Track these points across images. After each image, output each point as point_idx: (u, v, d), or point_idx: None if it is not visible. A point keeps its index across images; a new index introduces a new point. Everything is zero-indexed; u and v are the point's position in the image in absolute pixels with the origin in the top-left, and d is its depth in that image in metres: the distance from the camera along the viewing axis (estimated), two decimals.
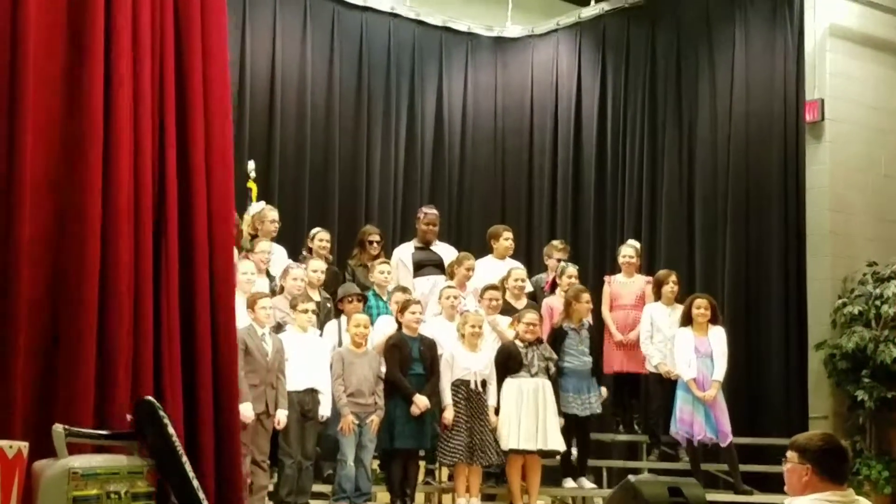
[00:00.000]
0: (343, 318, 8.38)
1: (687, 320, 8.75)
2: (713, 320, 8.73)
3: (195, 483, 4.32)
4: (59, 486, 3.96)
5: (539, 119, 12.05)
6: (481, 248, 9.78)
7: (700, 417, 8.53)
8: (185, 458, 4.33)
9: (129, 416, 4.29)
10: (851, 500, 3.84)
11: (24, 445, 3.93)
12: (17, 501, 3.85)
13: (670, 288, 9.11)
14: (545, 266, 9.87)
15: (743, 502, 8.64)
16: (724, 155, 10.64)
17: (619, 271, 9.59)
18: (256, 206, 9.16)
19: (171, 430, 4.31)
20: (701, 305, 8.70)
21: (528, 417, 8.22)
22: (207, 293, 5.04)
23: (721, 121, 10.69)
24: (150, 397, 4.48)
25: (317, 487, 8.14)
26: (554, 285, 9.28)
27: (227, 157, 5.28)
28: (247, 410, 7.43)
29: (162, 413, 4.29)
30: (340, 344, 8.25)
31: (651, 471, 8.62)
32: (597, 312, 9.39)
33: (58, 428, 4.10)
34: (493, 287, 8.82)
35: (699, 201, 10.79)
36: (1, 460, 3.79)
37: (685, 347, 8.63)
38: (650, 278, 9.45)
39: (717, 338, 8.70)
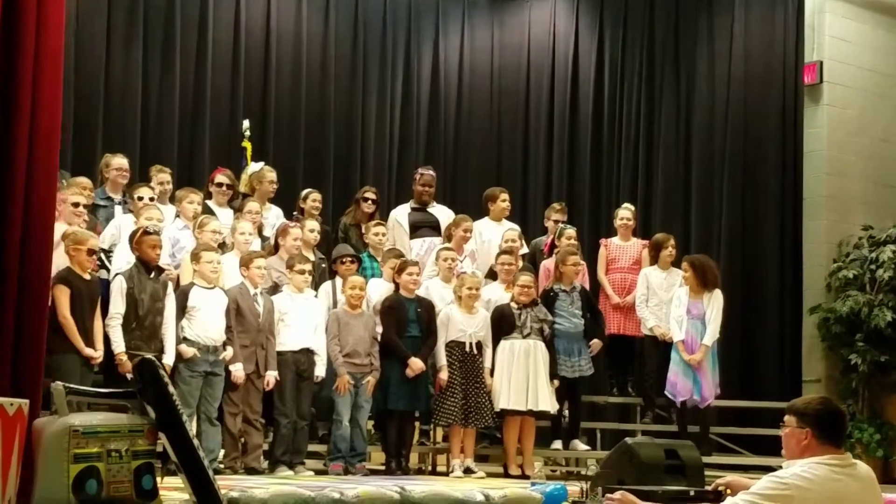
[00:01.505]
0: (338, 279, 8.35)
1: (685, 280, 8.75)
2: (708, 284, 8.66)
3: (195, 441, 4.31)
4: (61, 443, 3.95)
5: (535, 80, 11.97)
6: (476, 209, 9.74)
7: (687, 379, 8.54)
8: (185, 417, 4.32)
9: (129, 375, 4.27)
10: (849, 463, 3.84)
11: (24, 403, 3.92)
12: (18, 458, 3.85)
13: (668, 252, 9.10)
14: (545, 228, 9.85)
15: (737, 464, 8.69)
16: (721, 117, 10.61)
17: (616, 234, 9.57)
18: (255, 166, 9.10)
19: (171, 388, 4.30)
20: (683, 268, 8.68)
21: (518, 379, 8.23)
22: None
23: (719, 83, 10.65)
24: (150, 356, 4.46)
25: (312, 447, 8.18)
26: (553, 247, 9.26)
27: (58, 68, 4.80)
28: (238, 370, 7.44)
29: (162, 372, 4.27)
30: (335, 305, 8.23)
31: (645, 433, 8.66)
32: (593, 275, 9.39)
33: (58, 386, 4.09)
34: (506, 252, 8.79)
35: (696, 164, 10.77)
36: (2, 417, 3.78)
37: (678, 308, 8.62)
38: (646, 241, 9.45)
39: (713, 303, 8.64)
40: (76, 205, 7.31)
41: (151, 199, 7.90)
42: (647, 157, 11.14)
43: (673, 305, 8.72)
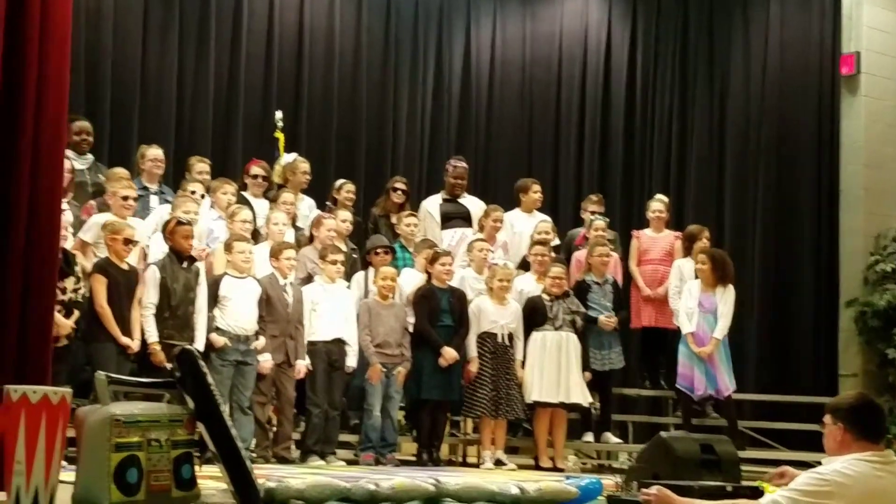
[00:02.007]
0: (370, 269, 8.36)
1: (697, 273, 8.69)
2: (723, 278, 8.58)
3: (233, 431, 4.33)
4: (103, 432, 3.98)
5: (567, 71, 11.90)
6: (508, 200, 9.72)
7: (699, 373, 8.49)
8: (223, 407, 4.34)
9: (169, 365, 4.30)
10: (891, 461, 3.79)
11: (67, 392, 3.95)
12: (61, 446, 3.88)
13: (703, 244, 9.02)
14: (577, 220, 9.81)
15: (773, 458, 8.63)
16: (756, 109, 10.52)
17: (648, 226, 9.52)
18: (289, 157, 9.13)
19: (209, 379, 4.32)
20: (699, 260, 8.61)
21: (550, 371, 8.22)
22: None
23: (754, 74, 10.56)
24: (190, 347, 4.48)
25: (343, 437, 8.20)
26: (586, 239, 9.24)
27: (65, 42, 4.78)
28: (266, 360, 7.48)
29: (201, 363, 4.29)
30: (366, 295, 8.25)
31: (677, 426, 8.62)
32: (626, 267, 9.35)
33: (100, 375, 4.12)
34: (540, 243, 8.77)
35: (730, 156, 10.69)
36: (46, 406, 3.82)
37: (689, 301, 8.57)
38: (679, 233, 9.39)
39: (725, 297, 8.55)
40: (125, 198, 7.35)
41: (202, 196, 7.96)
42: (680, 148, 11.06)
43: (683, 297, 8.66)
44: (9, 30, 4.30)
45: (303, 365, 7.66)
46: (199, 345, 7.13)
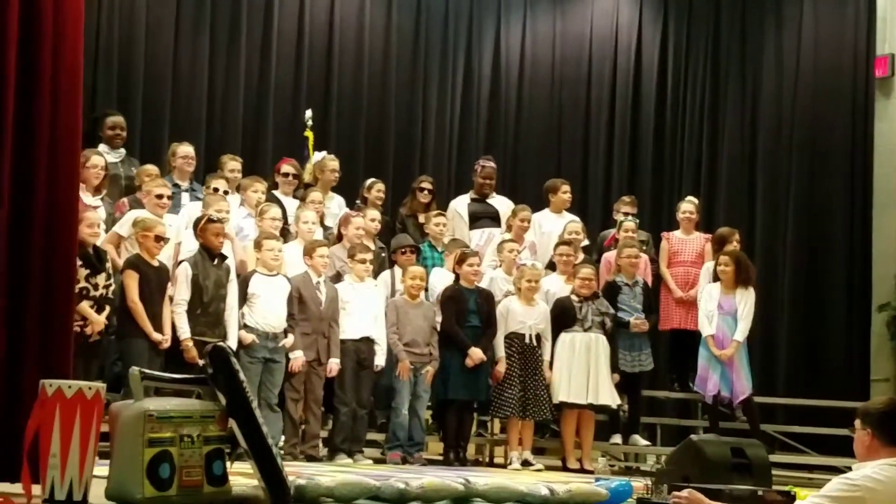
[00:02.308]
0: (396, 268, 8.36)
1: (717, 276, 8.63)
2: (744, 281, 8.53)
3: (264, 429, 4.34)
4: (136, 427, 4.00)
5: (597, 71, 11.86)
6: (537, 200, 9.70)
7: (715, 375, 8.45)
8: (255, 404, 4.35)
9: (201, 362, 4.31)
10: None
11: (101, 386, 3.98)
12: (95, 440, 3.90)
13: (734, 247, 8.97)
14: (609, 220, 9.78)
15: (803, 463, 8.59)
16: (788, 110, 10.44)
17: (678, 227, 9.47)
18: (319, 156, 9.15)
19: (242, 376, 4.33)
20: (722, 262, 8.56)
21: (579, 372, 8.20)
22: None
23: (787, 75, 10.49)
24: (222, 344, 4.50)
25: (370, 435, 8.21)
26: (617, 240, 9.21)
27: (78, 40, 4.66)
28: (297, 357, 7.50)
29: (234, 360, 4.31)
30: (393, 294, 8.25)
31: (706, 430, 8.58)
32: (656, 269, 9.31)
33: (134, 371, 4.14)
34: (565, 243, 8.75)
35: (762, 157, 10.61)
36: (81, 401, 3.84)
37: (709, 303, 8.52)
38: (709, 235, 9.33)
39: (745, 300, 8.51)
40: (160, 196, 7.37)
41: (226, 192, 7.96)
42: (710, 149, 10.99)
43: (703, 300, 8.63)
44: (23, 27, 4.29)
45: (335, 363, 7.67)
46: (231, 342, 7.15)
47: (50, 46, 4.43)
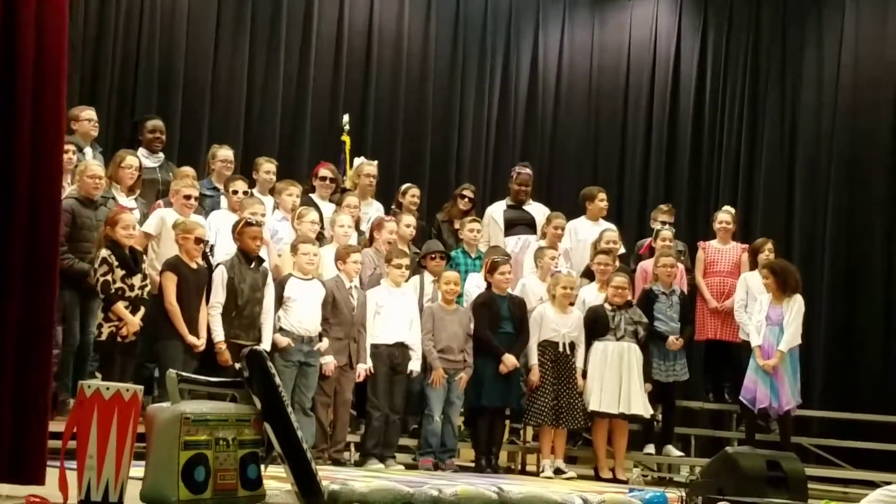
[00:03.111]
0: (426, 274, 8.37)
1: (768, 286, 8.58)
2: (791, 289, 8.44)
3: (299, 434, 4.35)
4: (172, 430, 4.01)
5: (635, 80, 11.84)
6: (572, 208, 9.68)
7: (763, 386, 8.36)
8: (289, 409, 4.36)
9: (237, 365, 4.32)
10: None
11: (138, 389, 4.00)
12: (132, 442, 3.93)
13: (765, 256, 8.91)
14: (645, 229, 9.74)
15: (839, 477, 8.50)
16: (828, 122, 10.36)
17: (714, 237, 9.42)
18: (359, 161, 9.18)
19: (277, 380, 4.35)
20: (763, 274, 8.51)
21: (611, 381, 8.17)
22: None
23: (827, 87, 10.41)
24: (259, 348, 4.52)
25: (402, 441, 8.21)
26: (653, 248, 9.17)
27: (62, 32, 4.56)
28: (328, 362, 7.53)
29: (269, 363, 4.32)
30: (421, 299, 8.25)
31: (740, 441, 8.51)
32: (692, 278, 9.25)
33: (171, 373, 4.16)
34: (604, 252, 8.73)
35: (800, 168, 10.54)
36: (118, 402, 3.87)
37: (760, 314, 8.47)
38: (746, 245, 9.27)
39: (792, 308, 8.42)
40: (188, 197, 7.42)
41: (245, 193, 7.97)
42: (748, 159, 10.93)
43: (755, 311, 8.57)
44: (5, 20, 4.18)
45: (363, 368, 7.69)
46: (266, 345, 7.18)
47: (32, 32, 4.29)
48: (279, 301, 7.44)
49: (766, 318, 8.40)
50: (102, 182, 7.05)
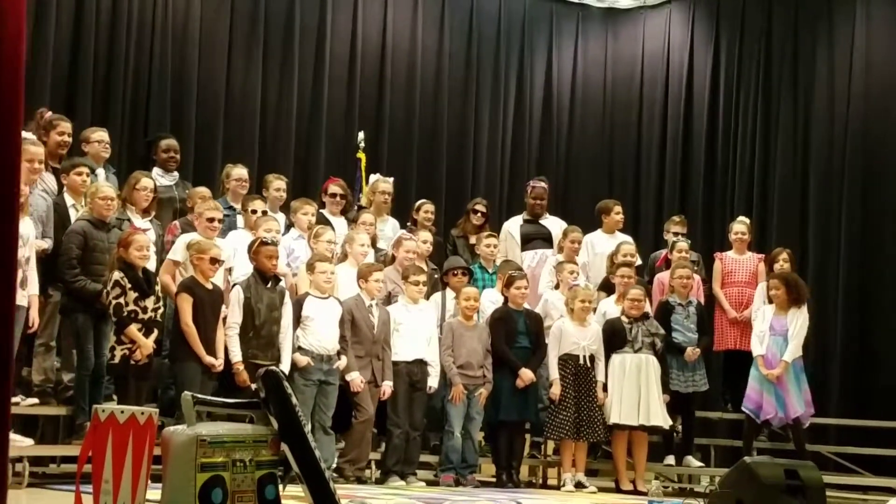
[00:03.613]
0: (448, 290, 8.37)
1: (770, 297, 8.55)
2: (795, 301, 8.45)
3: (317, 453, 4.36)
4: (189, 452, 4.02)
5: (649, 92, 11.84)
6: (588, 221, 9.67)
7: (769, 396, 8.35)
8: (308, 428, 4.37)
9: (253, 386, 4.33)
10: None
11: (154, 412, 4.02)
12: (148, 464, 3.94)
13: (780, 266, 8.90)
14: (660, 241, 9.72)
15: (858, 485, 8.44)
16: (841, 131, 10.32)
17: (730, 248, 9.39)
18: (375, 178, 9.20)
19: (294, 400, 4.35)
20: (772, 285, 8.51)
21: (629, 393, 8.17)
22: None
23: (839, 96, 10.37)
24: (275, 368, 4.52)
25: (423, 457, 8.21)
26: (668, 260, 9.16)
27: (19, 42, 4.46)
28: (355, 378, 7.52)
29: (286, 384, 4.33)
30: (443, 316, 8.25)
31: (760, 451, 8.47)
32: (708, 289, 9.23)
33: (186, 395, 4.18)
34: (626, 265, 8.72)
35: (814, 178, 10.50)
36: (133, 426, 3.89)
37: (762, 324, 8.46)
38: (762, 255, 9.26)
39: (796, 319, 8.42)
40: (211, 220, 7.39)
41: (264, 213, 8.01)
42: (762, 169, 10.89)
43: (756, 321, 8.57)
44: None
45: (388, 386, 7.69)
46: (285, 365, 7.19)
47: None
48: (297, 320, 7.45)
49: (770, 329, 8.41)
50: (115, 203, 7.03)
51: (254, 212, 7.96)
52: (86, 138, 7.82)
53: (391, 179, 9.23)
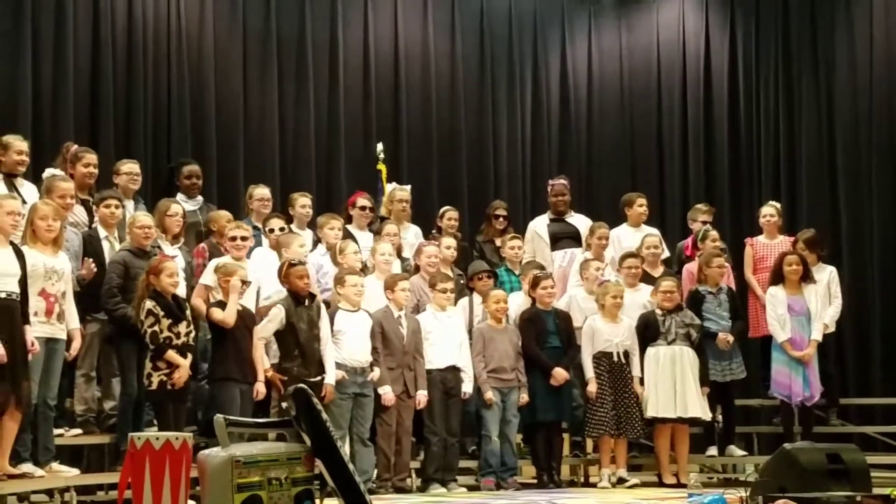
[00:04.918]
0: (475, 295, 8.37)
1: (778, 278, 8.47)
2: (805, 277, 8.41)
3: (350, 467, 4.38)
4: (225, 473, 4.05)
5: (667, 81, 11.79)
6: (613, 215, 9.64)
7: (798, 378, 8.30)
8: (339, 444, 4.39)
9: (284, 405, 4.37)
10: None
11: (188, 436, 4.05)
12: (186, 488, 3.98)
13: (801, 248, 8.80)
14: (687, 230, 9.66)
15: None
16: (865, 104, 10.24)
17: (760, 232, 9.32)
18: (390, 187, 9.22)
19: (324, 416, 4.38)
20: (792, 262, 8.44)
21: (665, 386, 8.11)
22: None
23: (861, 67, 10.29)
24: (304, 386, 4.55)
25: (463, 463, 8.19)
26: (695, 249, 9.09)
27: None
28: (387, 392, 7.52)
29: (315, 400, 4.35)
30: (471, 321, 8.25)
31: (803, 435, 8.39)
32: (738, 275, 9.15)
33: (219, 418, 4.21)
34: (632, 255, 8.69)
35: (841, 153, 10.41)
36: (169, 451, 3.93)
37: (777, 307, 8.37)
38: (794, 238, 9.17)
39: (813, 295, 8.39)
40: (233, 238, 7.40)
41: (282, 230, 8.02)
42: (788, 151, 10.82)
43: (768, 304, 8.49)
44: None
45: (423, 395, 7.69)
46: (330, 377, 7.23)
47: None
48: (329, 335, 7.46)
49: (789, 310, 8.35)
50: (152, 231, 7.14)
51: (271, 230, 7.99)
52: (116, 170, 7.91)
53: (408, 187, 9.25)
